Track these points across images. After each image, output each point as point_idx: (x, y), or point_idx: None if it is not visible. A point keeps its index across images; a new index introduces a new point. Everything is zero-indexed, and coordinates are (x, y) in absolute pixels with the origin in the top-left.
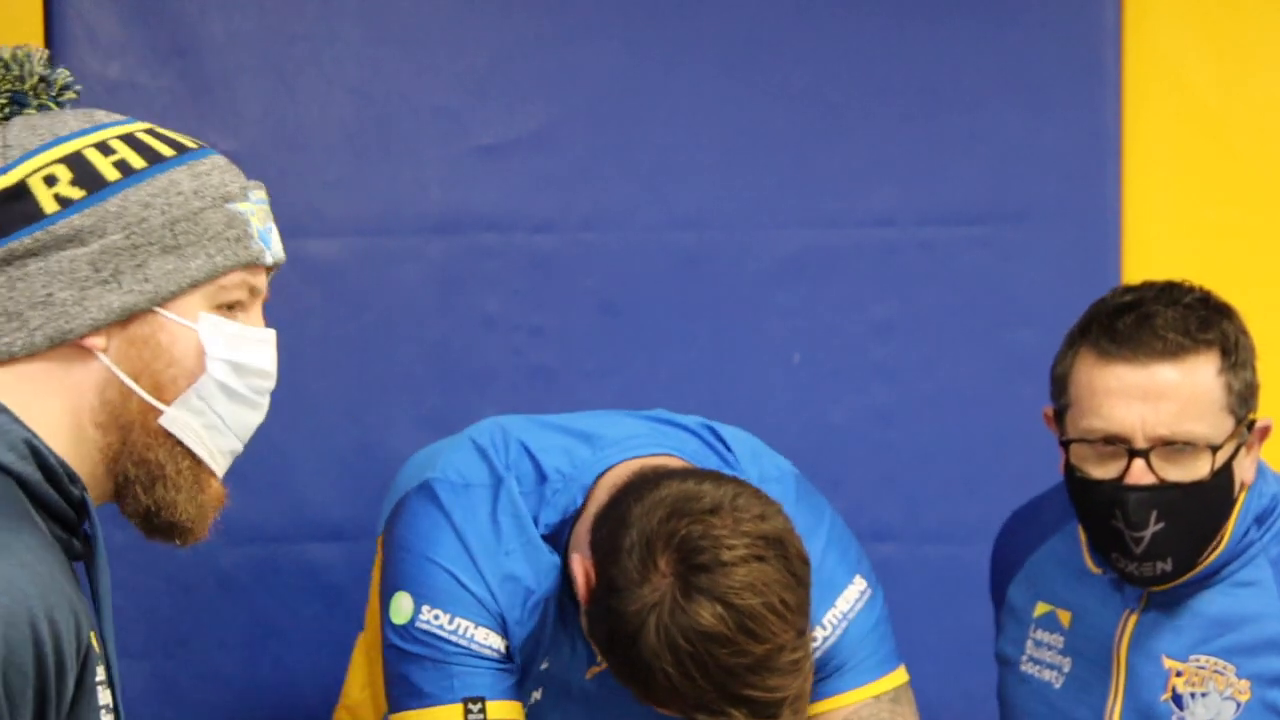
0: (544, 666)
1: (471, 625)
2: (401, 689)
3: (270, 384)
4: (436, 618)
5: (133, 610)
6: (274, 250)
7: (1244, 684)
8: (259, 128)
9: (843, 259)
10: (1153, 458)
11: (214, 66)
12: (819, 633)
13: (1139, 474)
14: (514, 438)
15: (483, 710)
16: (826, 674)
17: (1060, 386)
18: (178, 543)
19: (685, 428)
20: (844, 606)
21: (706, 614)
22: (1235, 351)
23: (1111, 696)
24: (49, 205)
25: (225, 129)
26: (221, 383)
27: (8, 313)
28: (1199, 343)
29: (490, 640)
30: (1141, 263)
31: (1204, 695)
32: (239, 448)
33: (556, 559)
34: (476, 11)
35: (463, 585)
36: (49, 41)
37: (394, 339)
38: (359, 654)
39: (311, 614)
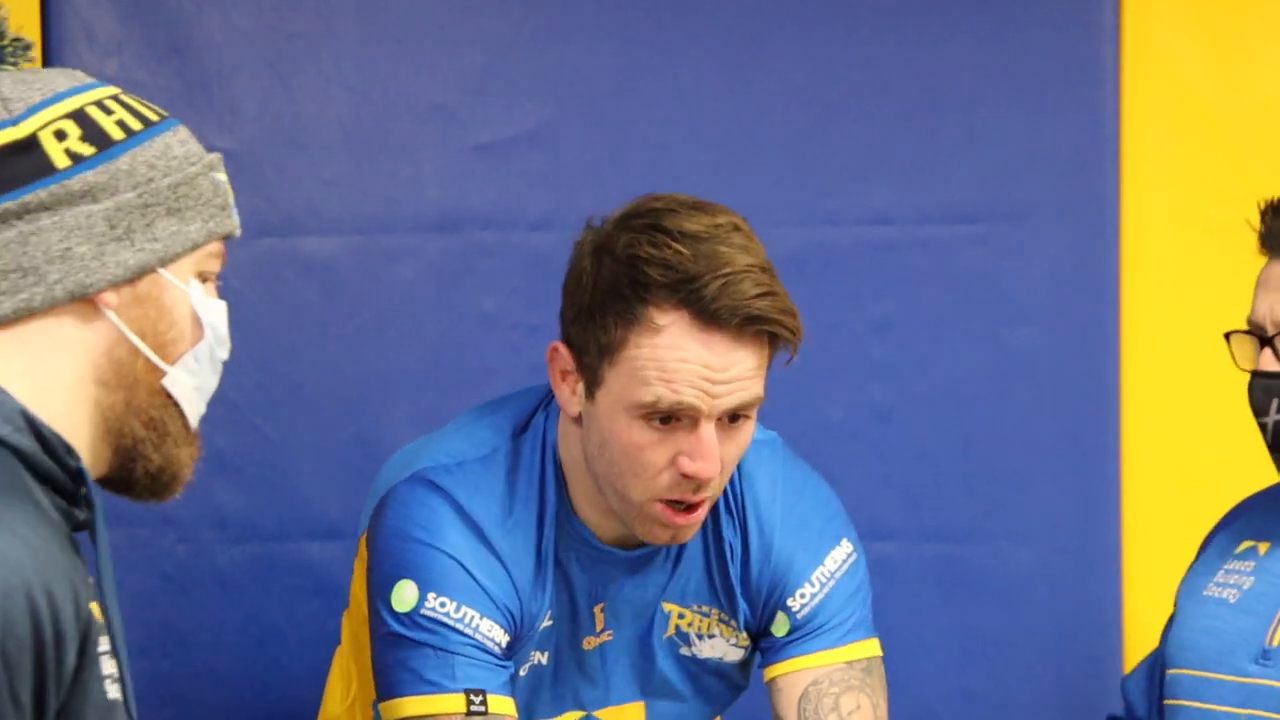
0: (547, 624)
1: (477, 615)
2: (400, 676)
3: (228, 355)
4: (443, 604)
5: (130, 609)
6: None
7: None
8: (256, 125)
9: (841, 257)
10: (1278, 343)
11: (211, 64)
12: (807, 589)
13: (1267, 361)
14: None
15: (484, 703)
16: (804, 634)
17: None
18: (169, 498)
19: None
20: (831, 566)
21: (650, 205)
22: None
23: None
24: (60, 160)
25: (222, 127)
26: (211, 348)
27: (23, 268)
28: None
29: (494, 633)
30: (1140, 261)
31: None
32: (204, 412)
33: (552, 498)
34: (474, 9)
35: (469, 573)
36: (46, 39)
37: (391, 337)
38: (337, 668)
39: (309, 612)
